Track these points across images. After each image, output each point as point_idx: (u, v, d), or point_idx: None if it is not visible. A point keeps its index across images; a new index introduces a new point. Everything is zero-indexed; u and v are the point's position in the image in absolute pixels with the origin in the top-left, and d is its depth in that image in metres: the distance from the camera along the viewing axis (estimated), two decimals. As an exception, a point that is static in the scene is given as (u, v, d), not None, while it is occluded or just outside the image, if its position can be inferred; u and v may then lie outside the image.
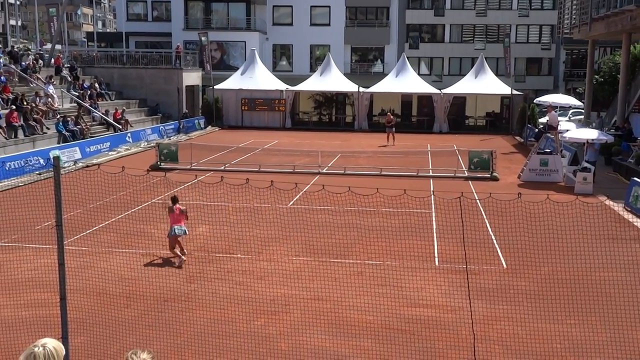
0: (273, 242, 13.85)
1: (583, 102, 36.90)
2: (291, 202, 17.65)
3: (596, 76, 41.61)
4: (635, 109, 33.52)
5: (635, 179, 18.57)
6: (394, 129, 33.50)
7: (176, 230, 12.33)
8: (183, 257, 12.40)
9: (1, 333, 8.83)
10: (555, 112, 25.86)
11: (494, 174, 23.01)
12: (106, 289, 10.63)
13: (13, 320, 9.31)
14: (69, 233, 13.50)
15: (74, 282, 10.41)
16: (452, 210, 14.76)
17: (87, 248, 13.15)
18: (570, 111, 41.23)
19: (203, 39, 42.05)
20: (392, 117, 34.75)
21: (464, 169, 23.98)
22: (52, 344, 3.47)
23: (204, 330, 9.13)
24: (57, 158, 7.44)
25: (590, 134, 22.94)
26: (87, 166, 22.92)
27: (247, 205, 16.59)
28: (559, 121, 25.49)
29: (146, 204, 16.99)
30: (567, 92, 51.58)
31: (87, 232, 14.28)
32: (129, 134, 31.85)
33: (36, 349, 3.41)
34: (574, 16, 37.56)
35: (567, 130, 25.13)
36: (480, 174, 23.18)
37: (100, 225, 14.91)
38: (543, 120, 31.49)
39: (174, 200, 12.57)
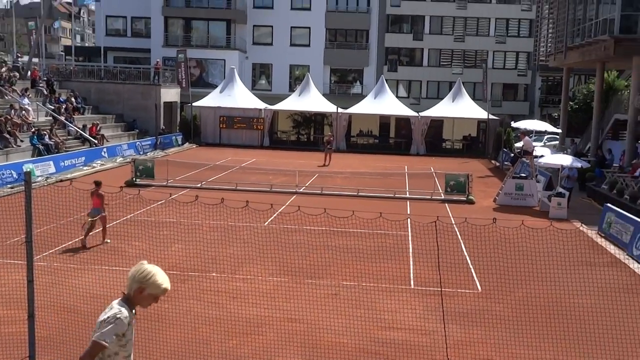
0: (248, 262, 13.72)
1: (558, 128, 37.45)
2: (267, 222, 17.55)
3: (571, 103, 42.31)
4: (608, 136, 34.09)
5: (609, 205, 18.80)
6: (332, 149, 34.05)
7: None
8: None
9: (-34, 351, 8.58)
10: (530, 137, 26.17)
11: (470, 197, 23.14)
12: (76, 307, 10.42)
13: (-21, 337, 9.05)
14: (41, 248, 13.26)
15: (44, 299, 10.19)
16: (428, 233, 14.77)
17: (59, 264, 12.91)
18: (546, 136, 41.81)
19: (180, 56, 41.97)
20: (332, 137, 35.47)
21: (441, 191, 24.10)
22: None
23: (177, 350, 8.98)
24: (28, 173, 7.31)
25: (565, 159, 23.22)
26: (61, 181, 22.61)
27: (222, 224, 16.46)
28: (534, 146, 25.79)
29: (119, 221, 16.77)
30: (543, 117, 52.38)
31: (59, 247, 14.03)
32: (104, 149, 31.56)
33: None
34: (550, 44, 38.25)
35: (542, 156, 25.41)
36: (457, 196, 23.30)
37: (72, 241, 14.67)
38: (519, 144, 31.85)
39: None
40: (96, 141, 32.99)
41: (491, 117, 40.91)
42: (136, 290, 4.21)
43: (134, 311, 4.35)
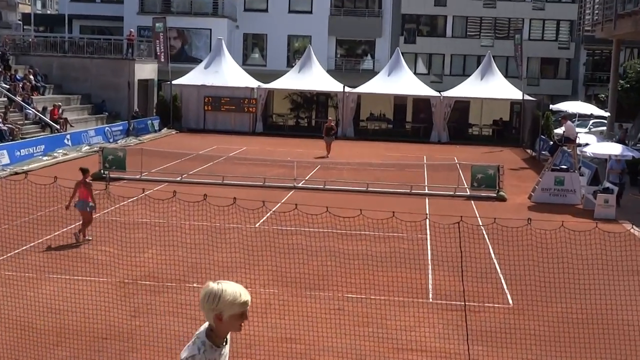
0: (235, 270, 13.69)
1: (606, 111, 37.29)
2: (259, 222, 17.53)
3: (621, 81, 42.18)
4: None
5: (665, 203, 18.73)
6: (334, 137, 33.23)
7: None
8: None
9: None
10: (573, 122, 26.08)
11: (501, 193, 23.11)
12: (33, 323, 10.42)
13: None
14: (-10, 254, 13.25)
15: (-7, 314, 10.19)
16: (450, 236, 14.71)
17: (12, 272, 12.91)
18: (591, 121, 41.67)
19: (158, 25, 41.87)
20: (333, 122, 34.34)
21: (466, 186, 24.08)
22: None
23: (149, 375, 8.97)
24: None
25: (614, 148, 23.14)
26: (16, 173, 22.62)
27: (205, 225, 16.45)
28: (577, 133, 25.70)
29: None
30: (588, 98, 52.22)
31: (12, 253, 14.03)
32: (68, 136, 31.56)
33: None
34: (597, 11, 38.09)
35: (587, 144, 25.31)
36: (485, 192, 23.28)
37: (29, 246, 14.67)
38: (559, 131, 31.76)
39: None
40: (58, 126, 32.99)
41: (527, 97, 40.79)
42: (215, 319, 4.10)
43: (225, 341, 4.26)
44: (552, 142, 28.97)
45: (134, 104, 40.34)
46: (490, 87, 41.60)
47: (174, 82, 41.83)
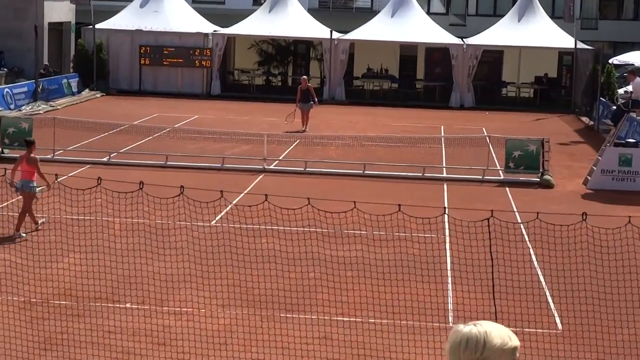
0: (185, 285, 13.67)
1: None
2: (216, 219, 17.48)
3: None
4: None
5: None
6: (313, 103, 31.83)
7: None
8: None
9: None
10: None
11: (546, 177, 23.16)
12: None
13: None
14: None
15: None
16: (477, 237, 14.73)
17: None
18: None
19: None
20: (308, 83, 33.05)
21: (499, 168, 24.11)
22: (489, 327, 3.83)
23: None
24: None
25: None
26: None
27: (142, 223, 16.38)
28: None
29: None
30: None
31: None
32: (-48, 101, 31.43)
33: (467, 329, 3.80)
34: None
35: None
36: (524, 176, 23.37)
37: None
38: (624, 91, 31.86)
39: None
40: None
41: (581, 46, 40.80)
42: None
43: None
44: (615, 107, 29.07)
45: (44, 56, 40.08)
46: (531, 31, 41.53)
47: (97, 26, 41.55)
